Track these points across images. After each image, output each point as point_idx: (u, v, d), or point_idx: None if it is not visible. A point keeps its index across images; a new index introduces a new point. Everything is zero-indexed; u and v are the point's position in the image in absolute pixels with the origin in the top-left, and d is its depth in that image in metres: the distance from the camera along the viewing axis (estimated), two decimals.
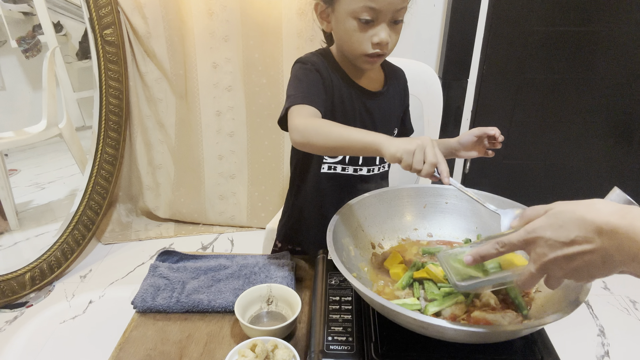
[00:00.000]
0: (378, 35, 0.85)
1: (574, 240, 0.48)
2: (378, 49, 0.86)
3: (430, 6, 1.98)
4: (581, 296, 0.60)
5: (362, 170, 1.00)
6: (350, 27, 0.86)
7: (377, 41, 0.85)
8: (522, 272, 0.54)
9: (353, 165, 0.99)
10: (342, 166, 0.99)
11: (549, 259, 0.50)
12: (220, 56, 2.07)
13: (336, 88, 0.94)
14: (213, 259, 0.97)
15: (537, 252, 0.52)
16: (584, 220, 0.48)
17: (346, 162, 0.99)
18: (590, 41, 2.06)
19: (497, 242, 0.56)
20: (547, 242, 0.50)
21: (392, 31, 0.87)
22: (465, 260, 0.59)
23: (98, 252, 2.18)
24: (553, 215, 0.51)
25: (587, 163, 2.33)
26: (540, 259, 0.51)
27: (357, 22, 0.85)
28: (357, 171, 1.00)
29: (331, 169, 1.00)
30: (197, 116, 2.18)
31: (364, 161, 0.99)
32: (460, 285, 0.62)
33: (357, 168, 1.00)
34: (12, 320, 1.73)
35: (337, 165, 0.99)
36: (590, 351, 1.60)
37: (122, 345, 0.77)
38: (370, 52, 0.87)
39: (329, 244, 0.71)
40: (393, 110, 1.04)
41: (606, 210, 0.47)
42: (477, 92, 2.15)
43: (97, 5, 1.87)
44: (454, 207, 0.88)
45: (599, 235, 0.47)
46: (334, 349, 0.66)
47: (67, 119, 2.24)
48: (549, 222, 0.51)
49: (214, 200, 2.35)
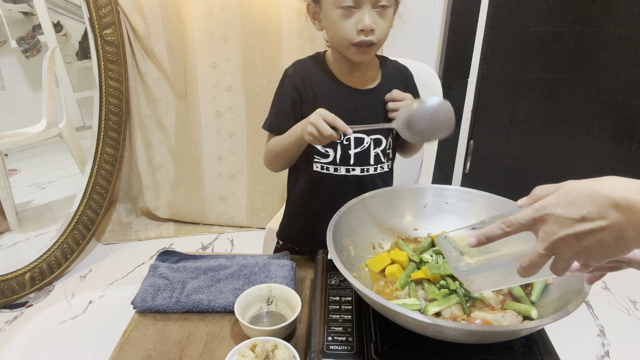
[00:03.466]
0: (362, 22, 0.85)
1: (586, 216, 0.45)
2: (363, 35, 0.86)
3: (430, 6, 1.98)
4: (581, 296, 0.60)
5: (355, 171, 0.99)
6: (335, 17, 0.86)
7: (362, 27, 0.85)
8: (528, 254, 0.51)
9: (345, 166, 0.99)
10: (334, 167, 0.99)
11: (558, 237, 0.47)
12: (220, 56, 2.07)
13: (320, 90, 0.96)
14: (213, 259, 0.97)
15: (545, 230, 0.48)
16: (597, 195, 0.45)
17: (337, 163, 0.99)
18: (590, 41, 2.06)
19: (503, 222, 0.52)
20: (557, 219, 0.47)
21: (379, 17, 0.86)
22: (468, 242, 0.55)
23: (98, 252, 2.18)
24: (564, 191, 0.48)
25: (587, 163, 2.33)
26: (549, 237, 0.48)
27: (341, 10, 0.85)
28: (350, 171, 0.99)
29: (324, 169, 1.00)
30: (197, 116, 2.18)
31: (356, 161, 0.98)
32: (462, 270, 0.59)
33: (349, 168, 0.99)
34: (12, 320, 1.73)
35: (329, 166, 0.99)
36: (590, 351, 1.60)
37: (122, 345, 0.77)
38: (357, 40, 0.87)
39: (329, 244, 0.71)
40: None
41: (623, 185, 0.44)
42: (477, 92, 2.15)
43: (97, 5, 1.87)
44: (454, 207, 0.88)
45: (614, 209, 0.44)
46: (334, 349, 0.66)
47: (67, 119, 2.24)
48: (559, 199, 0.48)
49: (213, 201, 2.35)
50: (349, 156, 0.97)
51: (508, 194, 0.82)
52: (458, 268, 0.59)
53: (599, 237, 0.45)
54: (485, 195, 0.86)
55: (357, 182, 1.00)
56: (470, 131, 2.25)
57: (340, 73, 0.98)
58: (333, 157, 0.98)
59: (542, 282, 0.72)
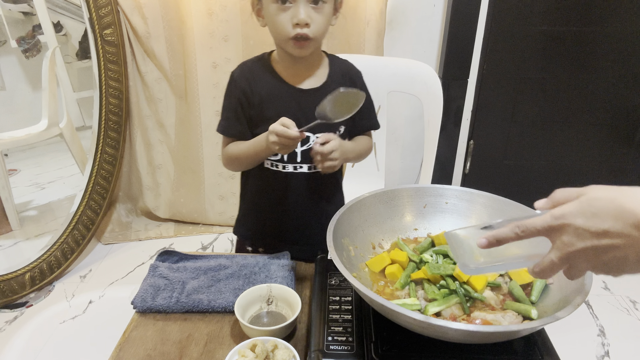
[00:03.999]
0: (297, 16, 0.86)
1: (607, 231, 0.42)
2: (299, 29, 0.88)
3: (430, 6, 1.98)
4: (581, 296, 0.60)
5: (302, 168, 1.01)
6: (272, 11, 0.89)
7: (296, 21, 0.87)
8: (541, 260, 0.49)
9: (292, 163, 1.00)
10: (283, 164, 1.00)
11: (576, 249, 0.45)
12: (220, 56, 2.07)
13: (265, 91, 0.98)
14: (213, 259, 0.97)
15: (563, 240, 0.46)
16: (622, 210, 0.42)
17: (285, 160, 1.00)
18: (590, 41, 2.06)
19: (517, 226, 0.50)
20: (576, 230, 0.44)
21: (314, 12, 0.88)
22: (479, 243, 0.53)
23: (98, 252, 2.18)
24: (586, 201, 0.45)
25: (587, 163, 2.33)
26: (566, 248, 0.45)
27: (277, 4, 0.87)
28: (298, 169, 1.01)
29: (273, 166, 1.01)
30: (197, 116, 2.18)
31: (303, 159, 1.00)
32: (470, 268, 0.58)
33: (296, 165, 1.00)
34: (12, 320, 1.73)
35: (277, 163, 1.01)
36: (590, 351, 1.60)
37: (122, 345, 0.77)
38: (293, 33, 0.88)
39: (329, 244, 0.71)
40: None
41: None
42: (477, 92, 2.15)
43: (97, 5, 1.87)
44: (454, 207, 0.88)
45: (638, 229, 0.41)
46: (334, 349, 0.66)
47: (67, 119, 2.24)
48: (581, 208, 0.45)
49: (213, 200, 2.35)
50: (295, 154, 0.99)
51: (508, 194, 0.83)
52: (466, 265, 0.58)
53: (619, 255, 0.43)
54: (485, 195, 0.86)
55: (305, 178, 1.02)
56: (470, 131, 2.25)
57: (285, 73, 0.99)
58: (280, 155, 0.99)
59: (542, 282, 0.72)
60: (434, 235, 0.85)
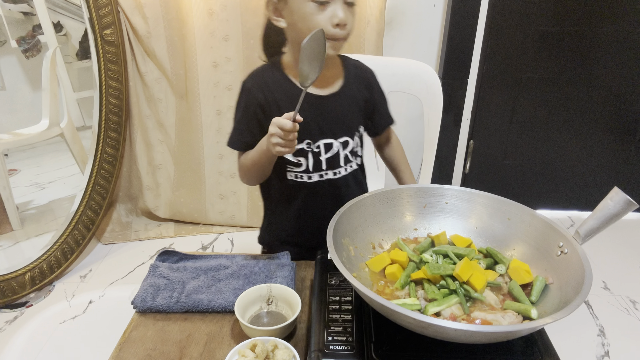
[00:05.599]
0: (337, 15, 0.85)
1: None
2: (339, 29, 0.87)
3: (430, 6, 1.98)
4: (581, 296, 0.60)
5: (327, 175, 1.00)
6: (308, 11, 0.86)
7: (337, 21, 0.85)
8: None
9: (318, 172, 1.00)
10: (308, 175, 1.00)
11: None
12: (221, 55, 2.07)
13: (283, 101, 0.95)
14: (213, 259, 0.97)
15: None
16: None
17: (310, 170, 0.99)
18: (590, 41, 2.06)
19: None
20: None
21: (349, 12, 0.87)
22: None
23: (98, 252, 2.18)
24: None
25: (587, 163, 2.33)
26: None
27: (315, 4, 0.85)
28: (323, 176, 1.00)
29: (297, 177, 1.00)
30: (198, 116, 2.18)
31: (328, 166, 0.99)
32: None
33: (322, 173, 1.00)
34: (12, 320, 1.73)
35: (302, 174, 1.00)
36: (590, 351, 1.60)
37: (122, 345, 0.77)
38: (331, 33, 0.87)
39: (329, 244, 0.71)
40: (351, 110, 1.02)
41: None
42: (477, 92, 2.15)
43: (97, 5, 1.87)
44: (454, 207, 0.88)
45: None
46: (334, 349, 0.66)
47: (68, 119, 2.24)
48: None
49: (214, 200, 2.35)
50: (320, 162, 0.99)
51: (508, 194, 0.83)
52: None
53: None
54: (485, 195, 0.86)
55: (331, 184, 1.02)
56: (470, 131, 2.25)
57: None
58: (306, 166, 0.98)
59: (542, 282, 0.72)
60: (434, 235, 0.85)
